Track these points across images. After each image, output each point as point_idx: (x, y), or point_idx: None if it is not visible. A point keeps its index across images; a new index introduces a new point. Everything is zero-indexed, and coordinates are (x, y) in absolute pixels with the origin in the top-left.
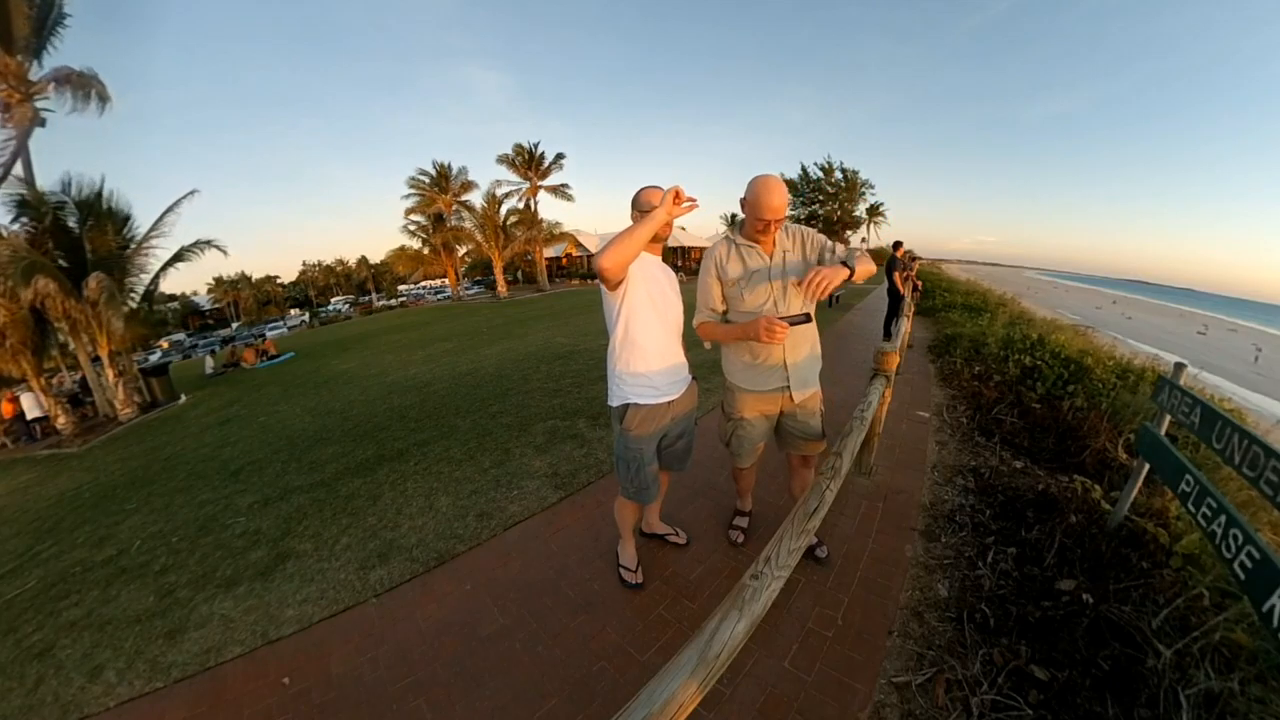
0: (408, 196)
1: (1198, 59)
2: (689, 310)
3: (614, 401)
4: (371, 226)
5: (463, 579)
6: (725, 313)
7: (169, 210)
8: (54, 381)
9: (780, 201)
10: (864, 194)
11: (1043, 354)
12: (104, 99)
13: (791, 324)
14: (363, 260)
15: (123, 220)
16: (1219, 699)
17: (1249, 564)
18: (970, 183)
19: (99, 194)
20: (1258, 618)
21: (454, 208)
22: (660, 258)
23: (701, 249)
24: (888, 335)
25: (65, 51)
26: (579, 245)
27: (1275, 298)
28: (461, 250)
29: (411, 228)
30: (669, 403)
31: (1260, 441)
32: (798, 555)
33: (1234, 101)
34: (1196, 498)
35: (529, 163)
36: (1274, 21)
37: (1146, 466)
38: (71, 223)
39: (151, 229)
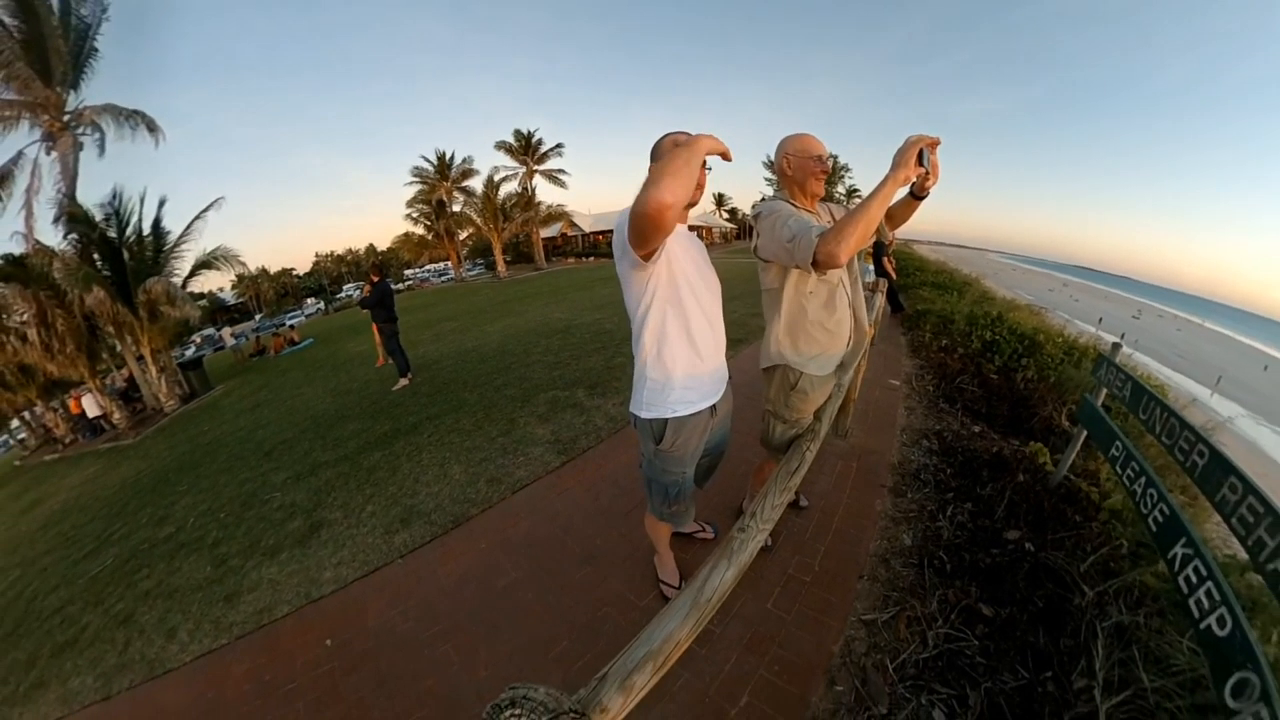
0: (410, 184)
1: (1108, 72)
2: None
3: (647, 414)
4: (377, 215)
5: (477, 538)
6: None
7: (197, 217)
8: (107, 381)
9: (823, 146)
10: (841, 176)
11: (1001, 330)
12: (153, 130)
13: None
14: (370, 248)
15: (159, 230)
16: (1127, 630)
17: (1160, 519)
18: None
19: (140, 204)
20: (1163, 564)
21: (454, 194)
22: (688, 227)
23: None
24: (899, 308)
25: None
26: (573, 225)
27: (1195, 289)
28: (463, 234)
29: (415, 215)
30: (712, 406)
31: (1177, 415)
32: (780, 510)
33: (1154, 111)
34: (1124, 461)
35: (526, 148)
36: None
37: (1084, 433)
38: (112, 234)
39: (182, 235)
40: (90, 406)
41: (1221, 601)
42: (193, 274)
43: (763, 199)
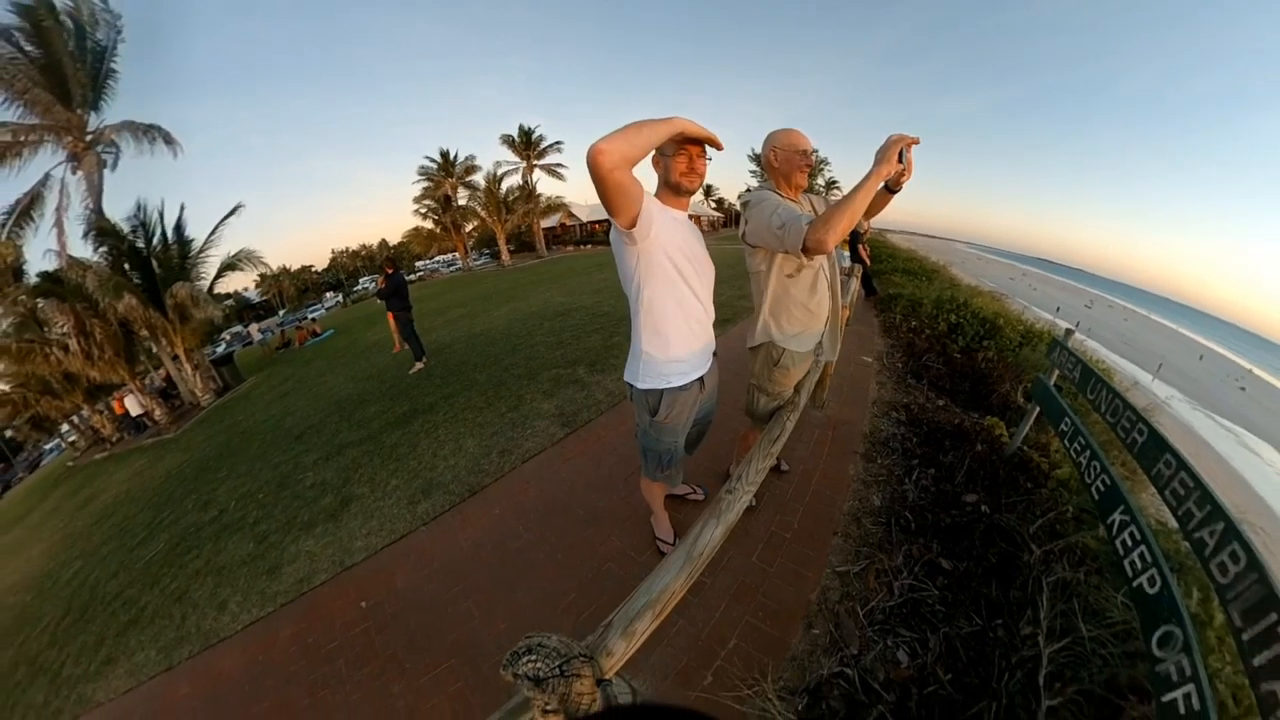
0: (417, 182)
1: (1074, 77)
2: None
3: (643, 385)
4: (387, 212)
5: (492, 505)
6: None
7: (220, 223)
8: (146, 381)
9: (808, 141)
10: (821, 169)
11: (965, 314)
12: (170, 143)
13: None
14: (383, 243)
15: (183, 237)
16: (1069, 585)
17: (1102, 488)
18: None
19: (160, 216)
20: (1103, 528)
21: (458, 189)
22: (687, 214)
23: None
24: (873, 292)
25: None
26: (571, 215)
27: (1142, 284)
28: (469, 226)
29: (423, 210)
30: (701, 379)
31: (1120, 396)
32: (764, 474)
33: (1113, 117)
34: (1071, 436)
35: (527, 144)
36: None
37: (1037, 409)
38: (140, 244)
39: (207, 241)
40: (133, 406)
41: (1153, 563)
42: (219, 276)
43: (749, 189)
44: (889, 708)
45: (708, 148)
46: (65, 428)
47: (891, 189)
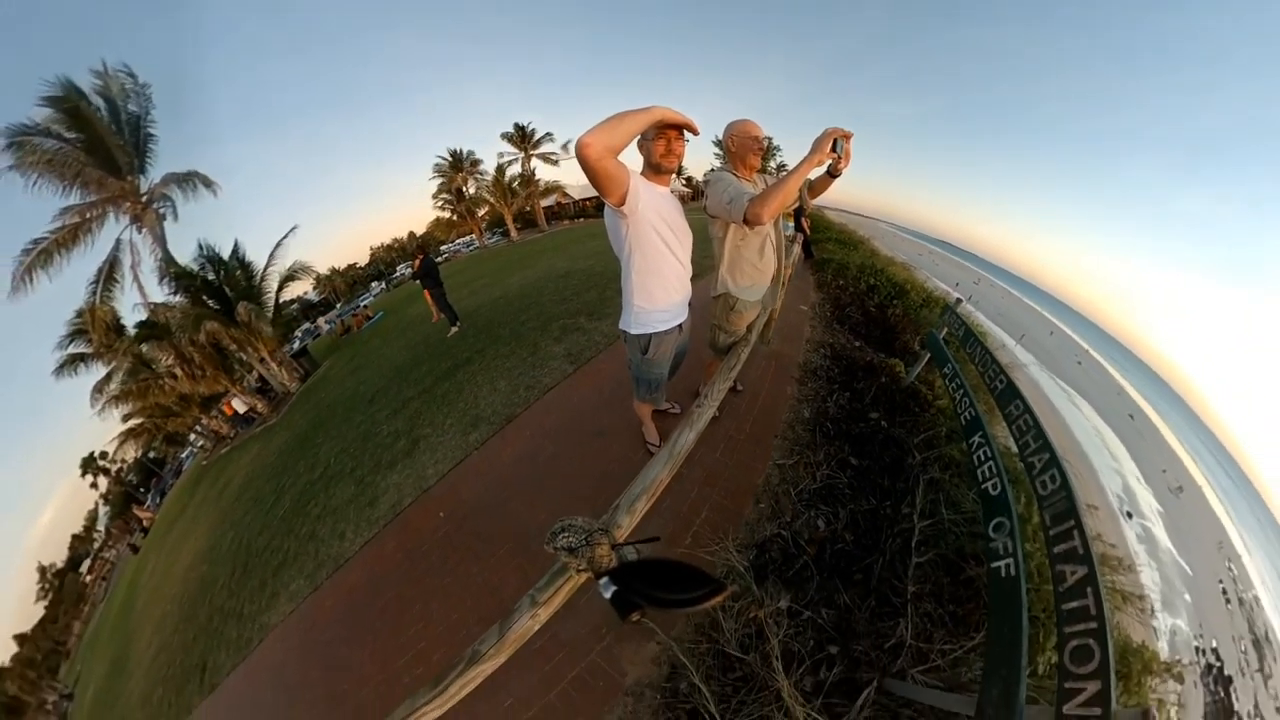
0: (433, 179)
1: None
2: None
3: (635, 330)
4: (410, 207)
5: (523, 429)
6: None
7: (277, 245)
8: (244, 384)
9: (760, 130)
10: (774, 154)
11: (881, 278)
12: (209, 185)
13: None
14: (411, 234)
15: (244, 263)
16: (938, 482)
17: (968, 418)
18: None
19: (233, 252)
20: (965, 445)
21: (469, 181)
22: (669, 189)
23: None
24: (810, 256)
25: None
26: (566, 194)
27: (1020, 272)
28: (481, 211)
29: (440, 204)
30: (680, 325)
31: (990, 353)
32: (724, 393)
33: (1014, 131)
34: (951, 377)
35: (524, 137)
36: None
37: (928, 355)
38: (211, 276)
39: (268, 261)
40: (239, 405)
41: (997, 474)
42: (282, 287)
43: (712, 170)
44: (810, 557)
45: (685, 132)
46: (193, 437)
47: (832, 174)
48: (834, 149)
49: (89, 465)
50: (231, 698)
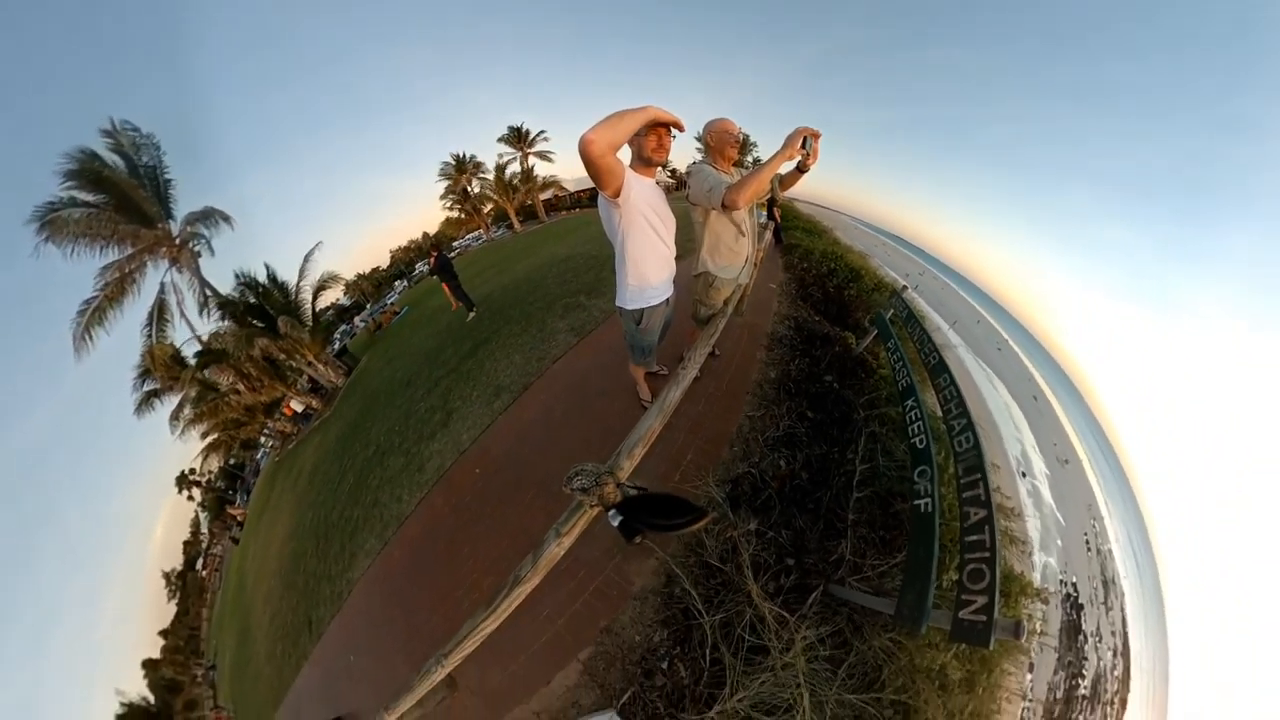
0: (440, 182)
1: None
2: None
3: (630, 305)
4: (421, 209)
5: (538, 394)
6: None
7: (305, 260)
8: (298, 386)
9: (737, 127)
10: (750, 149)
11: (840, 264)
12: (225, 219)
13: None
14: (425, 234)
15: (278, 283)
16: (878, 435)
17: (904, 385)
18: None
19: (266, 274)
20: (900, 407)
21: (472, 181)
22: (655, 180)
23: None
24: (781, 241)
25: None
26: (562, 188)
27: (959, 266)
28: (486, 207)
29: (448, 203)
30: (667, 299)
31: (927, 334)
32: (704, 356)
33: (966, 145)
34: (894, 351)
35: (519, 137)
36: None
37: (876, 331)
38: (251, 299)
39: (299, 278)
40: (297, 406)
41: (923, 432)
42: (316, 297)
43: (694, 162)
44: (774, 490)
45: (673, 128)
46: (263, 439)
47: (801, 169)
48: (804, 146)
49: (182, 482)
50: (334, 641)
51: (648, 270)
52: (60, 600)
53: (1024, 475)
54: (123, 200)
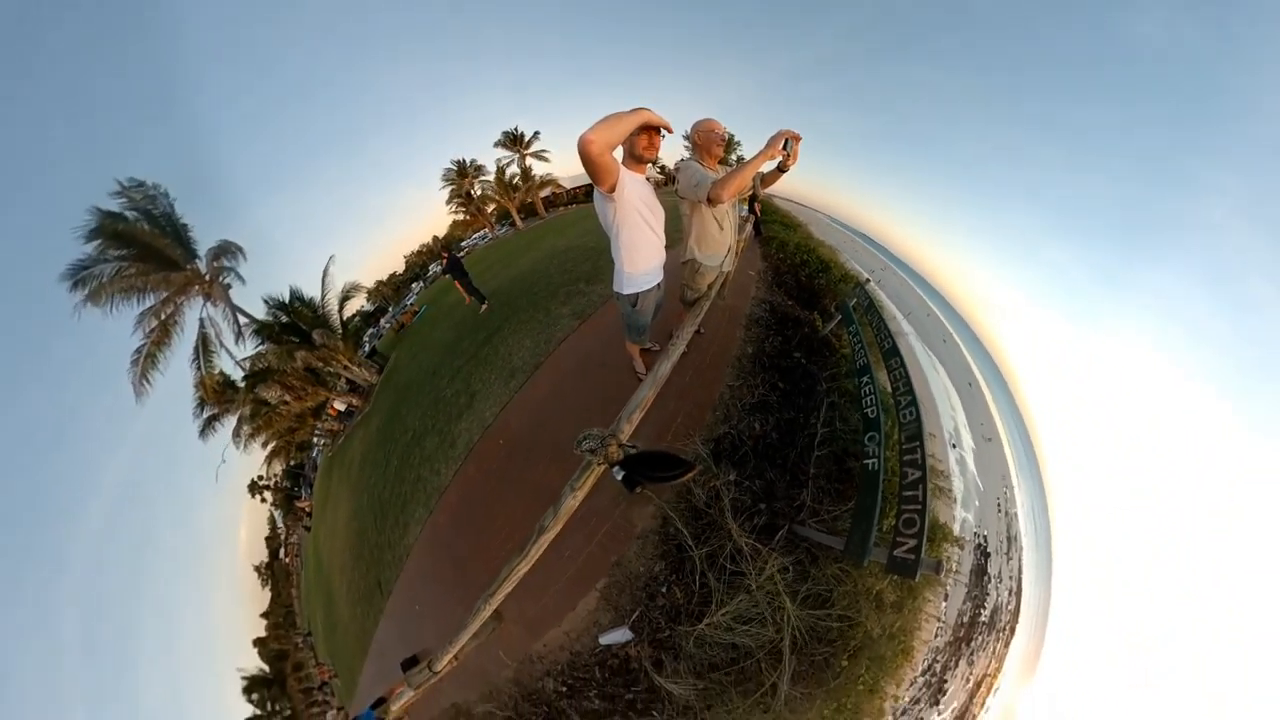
0: (444, 188)
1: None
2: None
3: (625, 290)
4: (428, 214)
5: (548, 371)
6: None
7: (324, 276)
8: (339, 387)
9: (722, 127)
10: (734, 148)
11: (812, 256)
12: (240, 251)
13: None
14: (435, 238)
15: (307, 300)
16: (836, 405)
17: (860, 363)
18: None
19: (292, 295)
20: (857, 382)
21: (475, 184)
22: (645, 176)
23: None
24: (760, 233)
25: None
26: (559, 185)
27: (914, 262)
28: (490, 208)
29: (453, 207)
30: (658, 284)
31: (883, 322)
32: (691, 333)
33: (932, 159)
34: (854, 334)
35: (515, 140)
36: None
37: (840, 316)
38: (285, 319)
39: (323, 293)
40: (340, 405)
41: (875, 404)
42: (341, 307)
43: (682, 160)
44: (749, 448)
45: (662, 129)
46: (315, 439)
47: (781, 169)
48: (784, 148)
49: (253, 488)
50: (401, 596)
51: (641, 258)
52: (176, 606)
53: (954, 447)
54: (147, 250)
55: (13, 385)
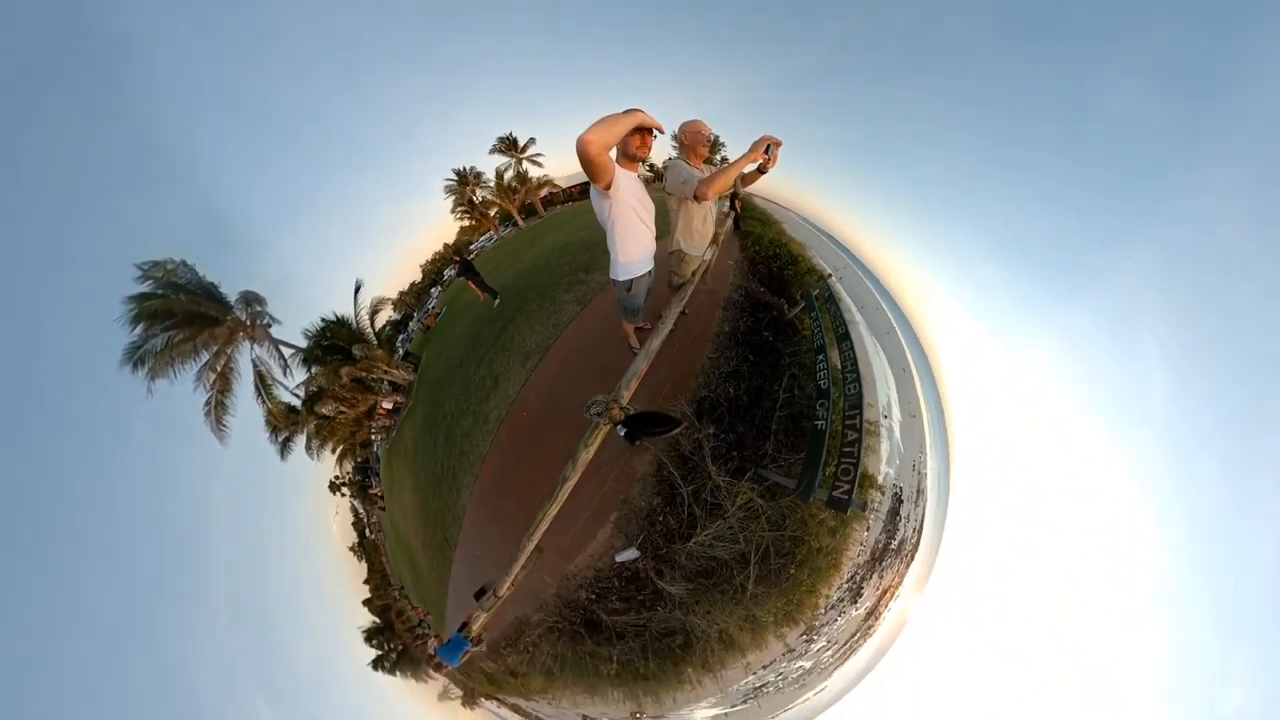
0: (447, 198)
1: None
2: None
3: (620, 277)
4: (435, 223)
5: (557, 352)
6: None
7: (356, 297)
8: (383, 390)
9: (708, 128)
10: (720, 149)
11: (783, 250)
12: (261, 300)
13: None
14: (446, 245)
15: (341, 321)
16: (797, 376)
17: (818, 343)
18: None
19: (324, 321)
20: (814, 358)
21: (476, 190)
22: (637, 174)
23: None
24: (739, 228)
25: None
26: (556, 185)
27: (872, 268)
28: (492, 211)
29: (458, 214)
30: (650, 271)
31: (839, 310)
32: (677, 313)
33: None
34: (815, 319)
35: (511, 145)
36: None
37: (804, 304)
38: (325, 342)
39: (355, 312)
40: (387, 405)
41: (828, 377)
42: (372, 321)
43: (670, 158)
44: (725, 409)
45: (654, 130)
46: (373, 436)
47: (762, 171)
48: (766, 151)
49: (333, 487)
50: (464, 546)
51: (634, 248)
52: (298, 597)
53: (886, 417)
54: (187, 315)
55: (121, 467)
